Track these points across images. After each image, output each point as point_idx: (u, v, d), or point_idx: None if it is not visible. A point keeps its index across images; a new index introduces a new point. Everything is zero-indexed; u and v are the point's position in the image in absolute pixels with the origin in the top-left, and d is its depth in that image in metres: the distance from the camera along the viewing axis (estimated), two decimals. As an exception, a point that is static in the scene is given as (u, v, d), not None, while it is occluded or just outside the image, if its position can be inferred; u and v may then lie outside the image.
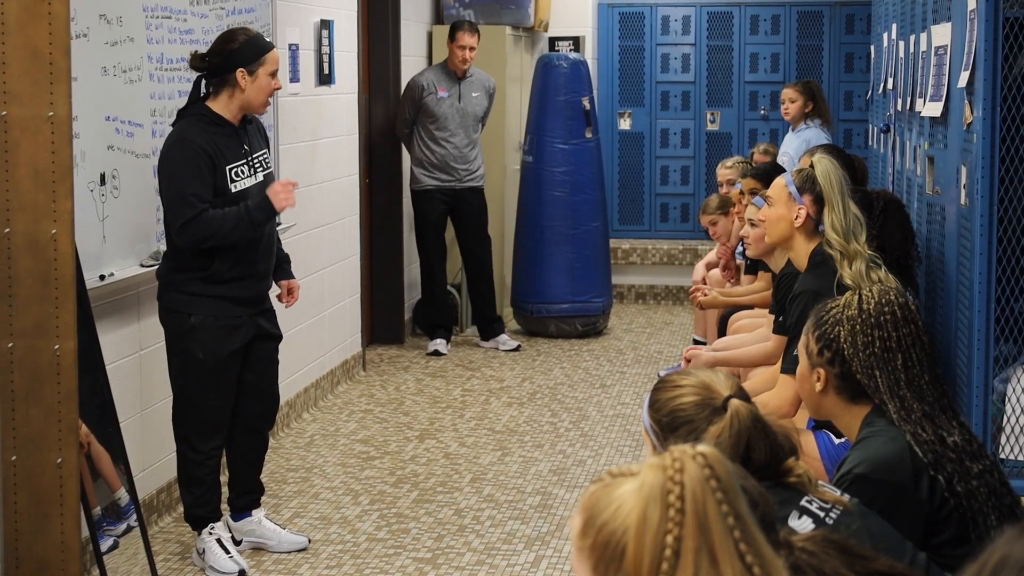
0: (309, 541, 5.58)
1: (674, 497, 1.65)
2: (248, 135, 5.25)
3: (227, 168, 5.12)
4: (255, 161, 5.25)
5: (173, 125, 5.21)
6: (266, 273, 5.37)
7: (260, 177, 5.26)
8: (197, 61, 5.16)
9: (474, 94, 9.24)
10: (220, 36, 5.26)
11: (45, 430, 4.44)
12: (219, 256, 5.14)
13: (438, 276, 9.33)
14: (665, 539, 1.64)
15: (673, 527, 1.63)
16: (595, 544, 1.70)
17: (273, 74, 5.19)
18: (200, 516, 5.33)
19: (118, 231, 5.34)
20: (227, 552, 5.28)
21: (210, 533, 5.31)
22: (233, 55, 5.10)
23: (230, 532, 5.47)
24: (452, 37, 9.12)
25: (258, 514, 5.55)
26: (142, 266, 5.51)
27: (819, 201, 4.84)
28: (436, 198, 9.17)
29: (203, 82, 5.20)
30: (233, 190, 5.14)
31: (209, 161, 5.05)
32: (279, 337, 5.49)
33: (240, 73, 5.10)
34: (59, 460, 4.45)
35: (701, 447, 1.71)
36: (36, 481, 4.46)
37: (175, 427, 5.31)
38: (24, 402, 4.43)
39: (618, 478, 1.74)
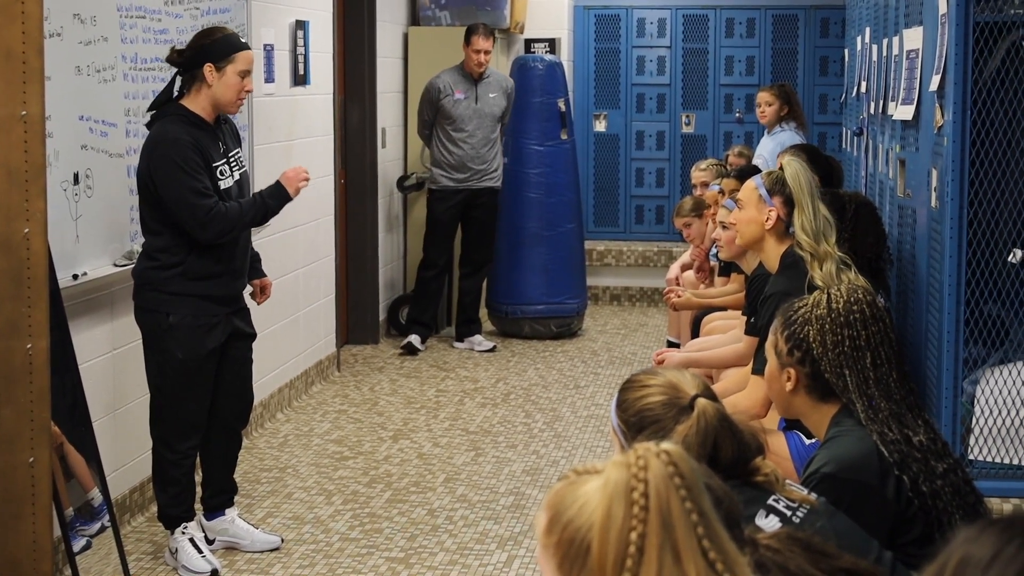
0: (282, 541, 5.58)
1: (638, 494, 1.66)
2: (223, 134, 5.26)
3: (213, 167, 5.14)
4: (232, 160, 5.26)
5: (148, 125, 5.20)
6: (242, 271, 5.39)
7: (237, 176, 5.28)
8: (173, 56, 5.18)
9: (491, 95, 9.30)
10: (198, 33, 5.28)
11: (17, 430, 4.43)
12: (198, 253, 5.14)
13: (439, 276, 9.37)
14: (629, 536, 1.65)
15: (637, 524, 1.65)
16: (560, 541, 1.71)
17: (244, 75, 5.17)
18: (174, 516, 5.33)
19: (91, 230, 5.33)
20: (200, 552, 5.28)
21: (183, 532, 5.31)
22: (204, 50, 5.11)
23: (203, 531, 5.47)
24: (467, 41, 9.22)
25: (231, 513, 5.55)
26: (115, 265, 5.51)
27: (789, 203, 4.86)
28: (452, 198, 9.25)
29: (179, 80, 5.21)
30: (220, 187, 5.17)
31: (200, 156, 5.07)
32: (253, 336, 5.50)
33: (208, 68, 5.09)
34: (31, 460, 4.44)
35: (665, 445, 1.72)
36: (8, 481, 4.44)
37: (152, 427, 5.31)
38: (-4, 401, 4.42)
39: (583, 476, 1.75)
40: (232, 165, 5.25)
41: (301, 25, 7.81)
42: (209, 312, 5.21)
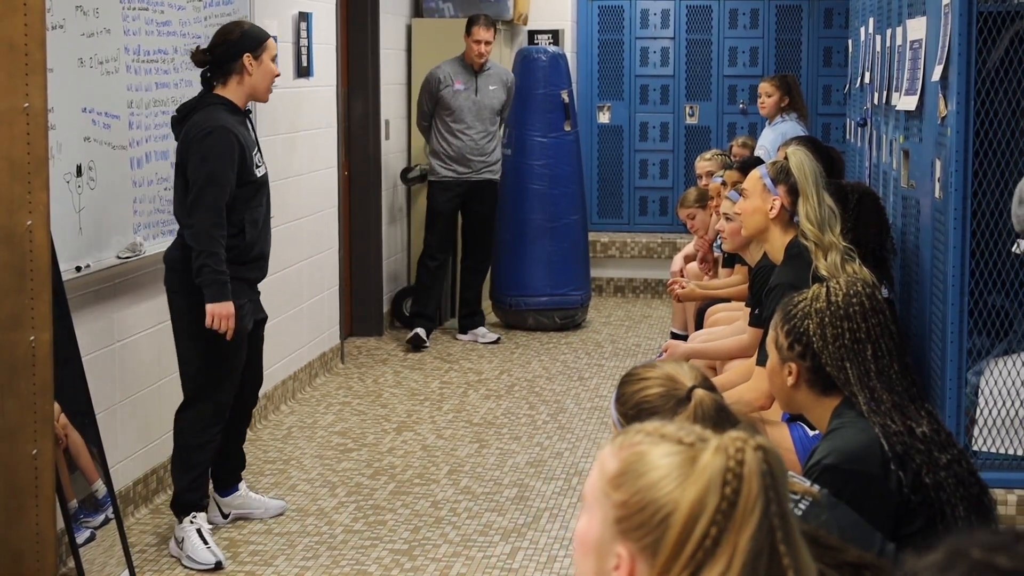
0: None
1: (730, 490, 1.62)
2: (251, 125, 5.48)
3: (251, 154, 5.33)
4: (260, 150, 5.47)
5: (179, 120, 5.31)
6: (268, 256, 5.57)
7: (264, 169, 5.46)
8: (200, 56, 5.33)
9: (491, 87, 9.29)
10: (220, 30, 5.43)
11: (21, 422, 4.44)
12: (243, 236, 5.29)
13: (441, 268, 9.36)
14: (710, 529, 1.62)
15: (721, 519, 1.61)
16: (628, 502, 1.66)
17: (274, 60, 5.40)
18: (190, 501, 5.39)
19: (94, 223, 5.33)
20: (205, 543, 5.30)
21: (191, 522, 5.36)
22: (238, 42, 5.30)
23: (210, 522, 5.51)
24: (468, 32, 9.22)
25: (243, 487, 5.74)
26: (118, 258, 5.51)
27: (793, 192, 4.86)
28: (451, 190, 9.24)
29: (207, 76, 5.36)
30: (258, 175, 5.36)
31: (240, 150, 5.23)
32: (266, 318, 5.72)
33: (247, 58, 5.29)
34: (35, 451, 4.45)
35: (760, 439, 1.67)
36: (11, 473, 4.45)
37: (183, 412, 5.41)
38: (-1, 394, 4.43)
39: (667, 440, 1.70)
40: (261, 154, 5.46)
41: (304, 17, 7.80)
42: (245, 294, 5.38)
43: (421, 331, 9.21)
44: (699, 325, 6.76)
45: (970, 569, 1.30)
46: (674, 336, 7.78)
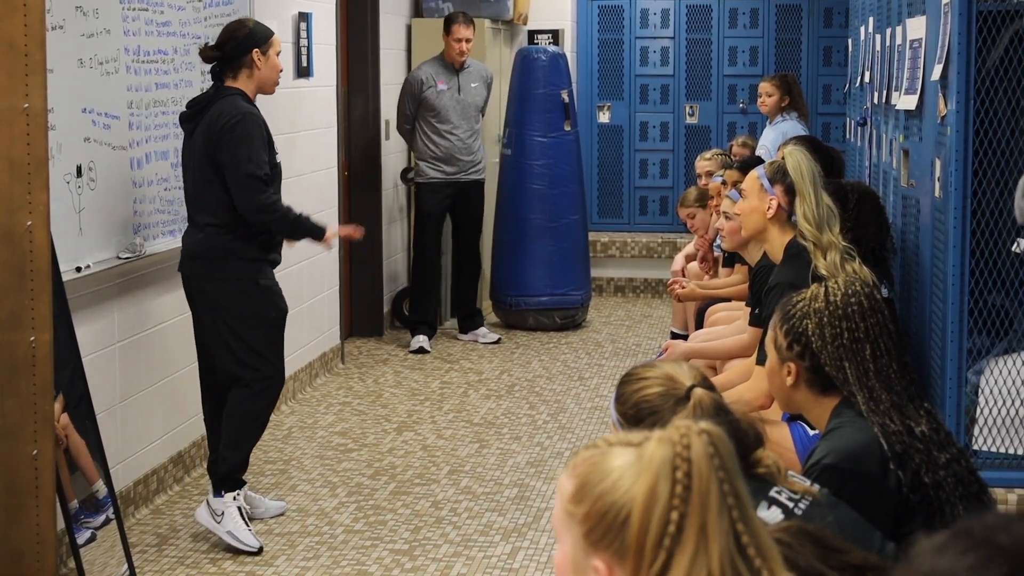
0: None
1: (681, 474, 1.64)
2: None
3: (272, 142, 5.54)
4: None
5: (190, 116, 5.42)
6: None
7: (279, 156, 5.63)
8: (209, 51, 5.47)
9: (473, 85, 9.25)
10: (227, 27, 5.57)
11: (21, 422, 4.43)
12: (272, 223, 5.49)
13: (433, 271, 9.32)
14: (670, 515, 1.63)
15: (679, 503, 1.63)
16: (591, 512, 1.68)
17: (277, 55, 5.57)
18: (236, 479, 5.50)
19: (95, 223, 5.34)
20: (247, 525, 5.43)
21: (234, 498, 5.46)
22: (247, 38, 5.46)
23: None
24: (447, 30, 9.14)
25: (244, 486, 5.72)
26: (119, 258, 5.51)
27: (790, 192, 4.86)
28: (441, 191, 9.19)
29: (217, 72, 5.50)
30: (278, 160, 5.57)
31: (268, 135, 5.48)
32: None
33: (256, 53, 5.46)
34: (35, 452, 4.44)
35: (705, 424, 1.70)
36: (12, 473, 4.45)
37: (239, 390, 5.48)
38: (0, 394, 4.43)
39: (615, 447, 1.72)
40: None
41: (304, 17, 7.80)
42: (274, 277, 5.59)
43: (424, 339, 9.13)
44: (699, 325, 6.76)
45: (969, 547, 1.31)
46: (674, 336, 7.78)
